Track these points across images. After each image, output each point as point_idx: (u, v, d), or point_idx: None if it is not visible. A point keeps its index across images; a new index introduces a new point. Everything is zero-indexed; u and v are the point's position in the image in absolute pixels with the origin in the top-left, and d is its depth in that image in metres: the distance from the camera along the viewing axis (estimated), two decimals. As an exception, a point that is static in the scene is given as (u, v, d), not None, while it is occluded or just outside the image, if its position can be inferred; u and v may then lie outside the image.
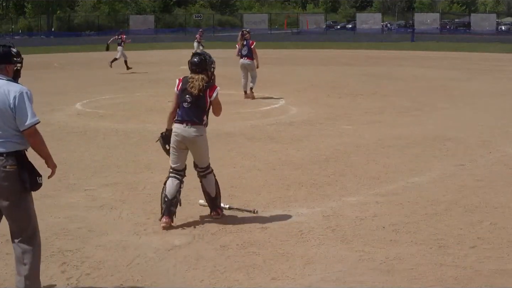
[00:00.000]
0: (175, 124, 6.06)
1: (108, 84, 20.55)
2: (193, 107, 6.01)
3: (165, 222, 5.98)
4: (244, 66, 15.84)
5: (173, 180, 6.09)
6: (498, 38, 53.72)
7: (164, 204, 6.04)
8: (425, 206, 6.68)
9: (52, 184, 7.74)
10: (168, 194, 6.04)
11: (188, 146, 6.09)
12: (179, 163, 6.12)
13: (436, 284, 4.71)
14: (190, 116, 6.00)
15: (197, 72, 6.07)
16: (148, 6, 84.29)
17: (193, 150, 6.13)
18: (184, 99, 6.02)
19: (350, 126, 11.82)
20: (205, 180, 6.25)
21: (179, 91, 6.07)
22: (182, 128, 6.00)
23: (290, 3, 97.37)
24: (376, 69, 25.70)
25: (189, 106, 6.01)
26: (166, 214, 6.00)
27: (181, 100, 6.04)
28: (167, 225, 5.96)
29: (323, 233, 5.85)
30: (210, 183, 6.25)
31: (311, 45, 47.34)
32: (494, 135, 10.81)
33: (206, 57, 6.16)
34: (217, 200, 6.31)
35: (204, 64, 6.09)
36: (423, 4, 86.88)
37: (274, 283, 4.76)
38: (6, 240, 5.66)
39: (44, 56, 38.29)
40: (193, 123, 6.00)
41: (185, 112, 6.01)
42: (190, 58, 6.21)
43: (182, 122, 6.01)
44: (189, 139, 6.01)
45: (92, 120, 12.71)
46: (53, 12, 76.19)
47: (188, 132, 5.99)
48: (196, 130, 6.01)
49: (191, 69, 6.13)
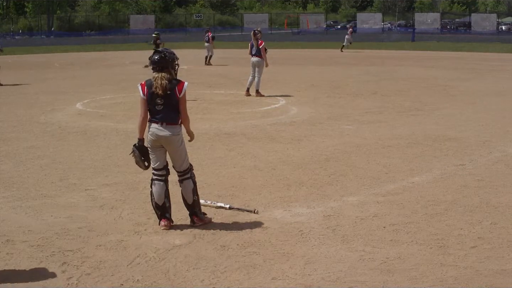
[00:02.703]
0: (151, 124, 5.88)
1: (109, 84, 20.56)
2: (166, 107, 5.84)
3: (164, 225, 5.94)
4: (254, 64, 16.38)
5: (158, 184, 5.97)
6: (498, 38, 53.79)
7: (157, 210, 5.98)
8: (425, 206, 6.68)
9: (52, 184, 7.78)
10: (158, 201, 5.95)
11: (164, 146, 5.94)
12: (158, 162, 5.98)
13: (437, 284, 4.71)
14: (164, 117, 5.84)
15: (158, 71, 5.88)
16: (148, 6, 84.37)
17: (170, 151, 5.98)
18: (155, 102, 5.83)
19: (350, 126, 11.82)
20: (182, 185, 6.06)
21: (147, 95, 5.86)
22: (157, 127, 5.84)
23: (291, 3, 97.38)
24: (376, 69, 25.70)
25: (162, 108, 5.84)
26: (163, 218, 5.97)
27: (152, 104, 5.85)
28: (167, 227, 5.93)
29: (324, 233, 5.85)
30: (188, 189, 6.04)
31: (311, 45, 47.38)
32: (494, 135, 10.81)
33: (167, 54, 5.94)
34: (195, 208, 6.08)
35: (164, 61, 5.88)
36: (423, 4, 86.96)
37: (275, 283, 4.76)
38: (6, 240, 5.67)
39: (45, 56, 38.35)
40: (168, 122, 5.85)
41: (159, 113, 5.84)
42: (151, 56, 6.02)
43: (157, 121, 5.85)
44: (164, 138, 5.86)
45: (93, 120, 12.71)
46: (53, 12, 76.26)
47: (164, 132, 5.84)
48: (171, 129, 5.85)
49: (152, 68, 5.94)
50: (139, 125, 5.94)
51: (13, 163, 8.80)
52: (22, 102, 15.68)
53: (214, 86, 19.39)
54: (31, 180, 7.84)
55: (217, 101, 15.62)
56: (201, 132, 10.86)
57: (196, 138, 6.37)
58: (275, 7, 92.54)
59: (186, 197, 6.06)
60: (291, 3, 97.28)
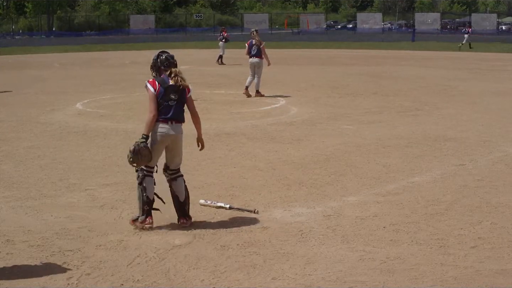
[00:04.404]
0: (160, 124, 5.86)
1: (109, 84, 20.57)
2: (177, 105, 5.90)
3: (150, 223, 5.91)
4: (253, 65, 16.42)
5: (150, 179, 5.97)
6: (498, 38, 53.78)
7: (146, 205, 5.92)
8: (425, 206, 6.68)
9: (52, 184, 7.78)
10: (150, 195, 5.95)
11: (170, 145, 5.97)
12: (154, 161, 5.99)
13: (437, 284, 4.71)
14: (176, 114, 5.88)
15: (175, 66, 5.97)
16: (148, 6, 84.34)
17: (173, 150, 6.00)
18: (169, 98, 5.85)
19: (350, 126, 11.82)
20: (176, 182, 6.07)
21: (161, 91, 5.85)
22: (168, 126, 5.86)
23: (291, 3, 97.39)
24: (377, 69, 25.71)
25: (174, 104, 5.88)
26: (150, 215, 5.94)
27: (165, 99, 5.85)
28: (152, 225, 5.91)
29: (324, 233, 5.85)
30: (181, 186, 6.08)
31: (311, 45, 47.38)
32: (494, 135, 10.81)
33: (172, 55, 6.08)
34: (185, 206, 6.09)
35: (173, 60, 6.02)
36: (423, 4, 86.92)
37: (275, 283, 4.76)
38: (6, 240, 5.67)
39: (45, 56, 38.35)
40: (177, 121, 5.91)
41: (171, 111, 5.86)
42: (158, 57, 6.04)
43: (167, 120, 5.86)
44: (174, 137, 5.90)
45: (93, 120, 12.71)
46: (53, 12, 76.22)
47: (173, 131, 5.88)
48: (179, 128, 5.93)
49: (168, 64, 5.95)
50: (149, 122, 5.84)
51: (13, 163, 8.80)
52: (22, 102, 15.68)
53: (214, 86, 19.39)
54: (31, 180, 7.84)
55: (217, 101, 15.62)
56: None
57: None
58: (275, 7, 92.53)
59: (178, 194, 6.07)
60: (291, 3, 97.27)
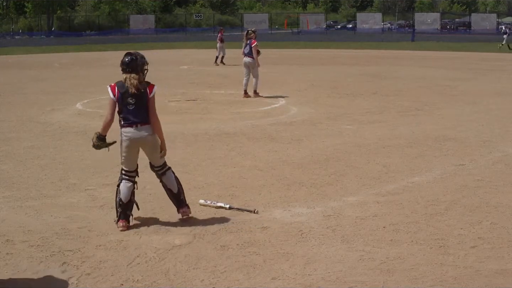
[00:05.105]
0: (124, 129, 5.94)
1: (109, 84, 20.53)
2: (138, 107, 5.90)
3: (122, 226, 5.93)
4: (246, 65, 16.22)
5: (126, 183, 6.01)
6: (498, 38, 53.75)
7: (119, 208, 5.97)
8: (425, 206, 6.68)
9: (52, 184, 7.78)
10: (123, 197, 5.96)
11: (141, 148, 6.02)
12: (131, 164, 6.04)
13: (436, 284, 4.71)
14: (138, 117, 5.90)
15: (128, 72, 5.96)
16: (148, 6, 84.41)
17: (147, 151, 6.05)
18: (126, 102, 5.89)
19: (350, 126, 11.82)
20: (165, 177, 6.17)
21: (118, 96, 5.93)
22: (133, 130, 5.91)
23: (291, 3, 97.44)
24: (376, 69, 25.70)
25: (134, 108, 5.90)
26: (122, 218, 5.96)
27: (123, 103, 5.91)
28: (124, 228, 5.91)
29: (324, 233, 5.85)
30: (170, 179, 6.16)
31: (311, 45, 47.38)
32: (494, 135, 10.81)
33: (138, 57, 6.02)
34: (180, 196, 6.19)
35: (135, 64, 5.96)
36: (423, 4, 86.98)
37: (274, 283, 4.76)
38: (6, 240, 5.67)
39: (45, 56, 38.35)
40: (142, 123, 5.92)
41: (132, 114, 5.90)
42: (122, 58, 6.07)
43: (131, 124, 5.90)
44: (142, 139, 5.93)
45: (93, 119, 12.70)
46: (53, 11, 76.25)
47: (140, 134, 5.91)
48: (146, 129, 5.93)
49: (122, 69, 6.02)
50: (105, 124, 6.02)
51: (13, 163, 8.80)
52: (22, 102, 15.68)
53: (214, 86, 19.39)
54: (31, 180, 7.84)
55: (217, 101, 15.62)
56: (201, 132, 10.88)
57: (196, 138, 6.37)
58: (275, 7, 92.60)
59: (171, 187, 6.14)
60: (291, 3, 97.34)
